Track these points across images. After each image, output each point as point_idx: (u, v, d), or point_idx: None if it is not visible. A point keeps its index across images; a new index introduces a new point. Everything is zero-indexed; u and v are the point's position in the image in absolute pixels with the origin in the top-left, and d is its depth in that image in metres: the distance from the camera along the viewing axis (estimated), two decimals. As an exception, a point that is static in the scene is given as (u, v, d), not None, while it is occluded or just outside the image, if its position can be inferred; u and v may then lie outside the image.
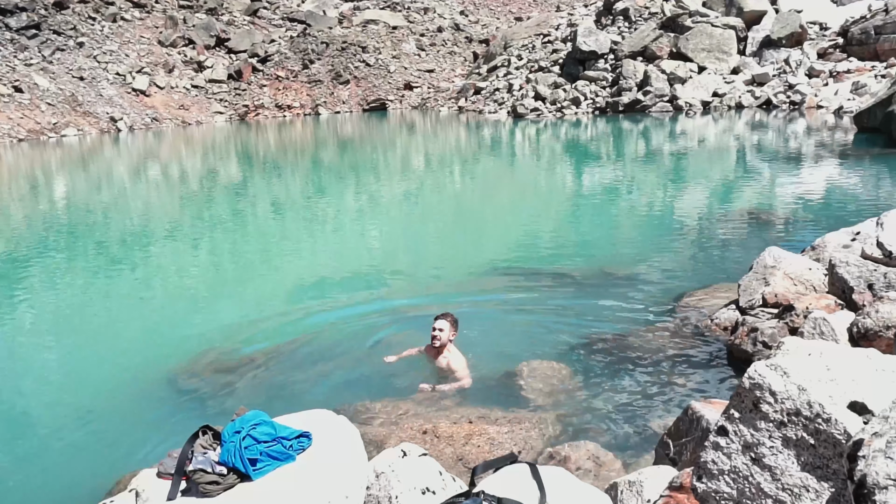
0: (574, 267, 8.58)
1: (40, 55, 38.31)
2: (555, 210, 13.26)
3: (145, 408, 5.57)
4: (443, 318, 5.56)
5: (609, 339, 6.02)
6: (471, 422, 4.45)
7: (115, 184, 20.53)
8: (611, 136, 25.09)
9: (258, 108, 43.44)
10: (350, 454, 2.82)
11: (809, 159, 16.33)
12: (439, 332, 5.49)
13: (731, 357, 5.33)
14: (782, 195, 12.48)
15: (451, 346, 5.57)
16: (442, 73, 46.98)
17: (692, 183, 14.99)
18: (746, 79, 29.60)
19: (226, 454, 2.68)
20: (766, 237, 9.22)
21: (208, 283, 9.38)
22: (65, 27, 40.39)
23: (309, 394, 5.47)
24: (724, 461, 2.26)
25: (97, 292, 9.07)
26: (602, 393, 5.08)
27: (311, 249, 11.01)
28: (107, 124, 37.44)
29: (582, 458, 3.89)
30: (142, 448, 4.81)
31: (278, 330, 7.05)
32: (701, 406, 3.30)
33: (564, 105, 32.55)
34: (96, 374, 6.36)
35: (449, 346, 5.55)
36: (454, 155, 23.80)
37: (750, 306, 5.68)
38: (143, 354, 6.77)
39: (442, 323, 5.52)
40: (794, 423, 2.13)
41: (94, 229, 13.28)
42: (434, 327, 5.52)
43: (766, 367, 2.24)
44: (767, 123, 24.29)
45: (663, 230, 10.50)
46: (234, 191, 18.07)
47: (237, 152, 28.59)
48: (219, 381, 5.83)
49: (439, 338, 5.49)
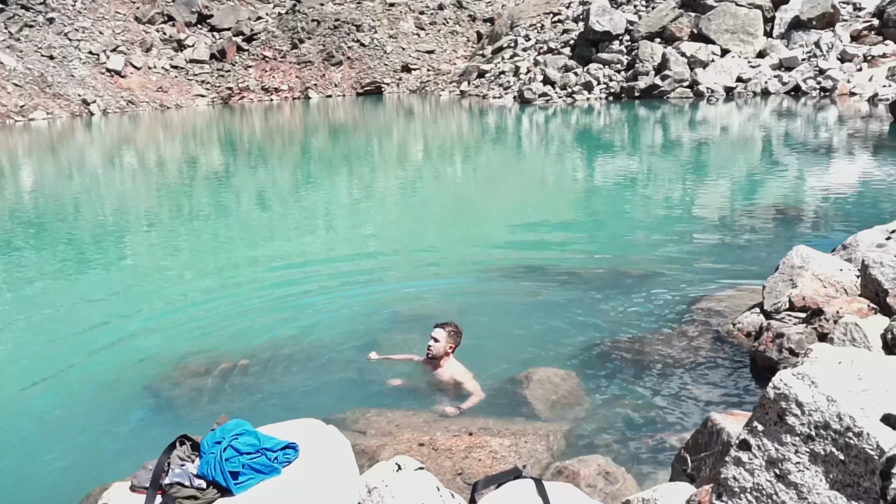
0: (584, 265, 8.57)
1: (6, 32, 38.29)
2: (564, 204, 13.26)
3: (118, 415, 5.56)
4: (440, 328, 5.47)
5: (622, 345, 6.02)
6: (471, 433, 4.44)
7: (86, 173, 20.53)
8: (626, 125, 25.06)
9: (243, 91, 43.42)
10: (340, 467, 2.81)
11: (841, 151, 16.32)
12: (433, 343, 5.42)
13: (754, 365, 5.32)
14: (811, 190, 12.47)
15: (449, 359, 5.49)
16: (443, 54, 46.93)
17: (713, 176, 14.98)
18: (773, 63, 29.56)
19: (205, 466, 2.68)
20: (793, 235, 9.22)
21: (187, 281, 9.38)
22: (33, 2, 40.38)
23: (296, 401, 5.46)
24: (746, 478, 2.26)
25: (65, 291, 9.06)
26: (614, 403, 5.07)
27: (299, 246, 11.00)
28: (78, 107, 37.42)
29: (592, 473, 3.89)
30: (114, 459, 4.80)
31: (263, 332, 7.04)
32: (721, 418, 3.30)
33: (575, 90, 32.52)
34: (64, 378, 6.35)
35: (447, 358, 5.48)
36: (456, 144, 23.79)
37: (775, 310, 5.67)
38: (115, 357, 6.75)
39: (438, 332, 5.43)
40: (823, 437, 2.12)
41: (62, 223, 13.27)
42: (430, 336, 5.47)
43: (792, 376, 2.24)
44: (796, 111, 24.27)
45: (682, 227, 10.49)
46: (216, 182, 18.07)
47: (220, 139, 28.57)
48: (198, 386, 5.82)
49: (433, 349, 5.43)
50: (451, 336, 5.47)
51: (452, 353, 5.51)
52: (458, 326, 5.58)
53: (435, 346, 5.43)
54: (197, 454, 2.81)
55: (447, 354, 5.48)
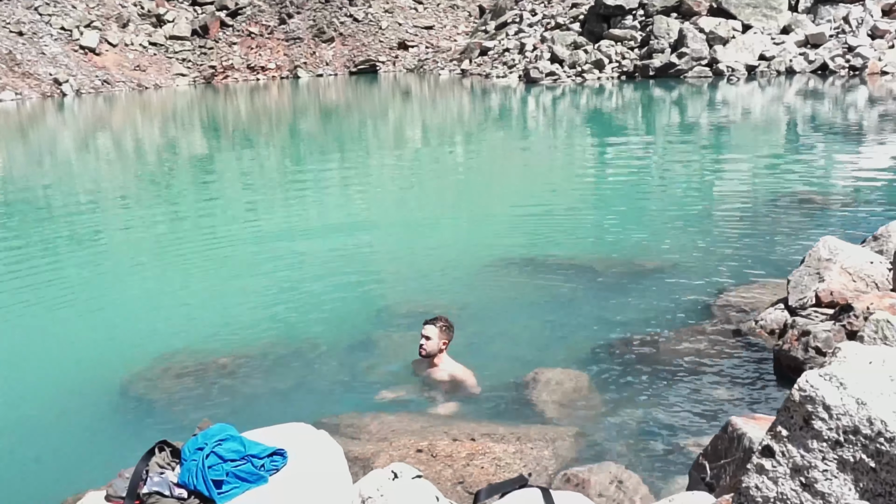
0: (596, 257, 8.56)
1: (-29, 6, 38.20)
2: (574, 192, 13.24)
3: (93, 420, 5.56)
4: (431, 324, 5.44)
5: (635, 343, 6.02)
6: (473, 439, 4.45)
7: (58, 159, 20.50)
8: (640, 106, 25.02)
9: (227, 70, 43.35)
10: (332, 475, 2.81)
11: (871, 135, 16.29)
12: (425, 341, 5.41)
13: (778, 365, 5.32)
14: (840, 176, 12.45)
15: (443, 356, 5.49)
16: (442, 30, 46.82)
17: (734, 161, 14.95)
18: (799, 39, 29.48)
19: (186, 475, 2.68)
20: (820, 225, 9.21)
21: (167, 276, 9.37)
22: (0, -27, 40.26)
23: (284, 404, 5.46)
24: (769, 487, 2.25)
25: (36, 286, 9.05)
26: (627, 406, 5.07)
27: (289, 237, 10.99)
28: (50, 87, 37.36)
29: (603, 481, 3.89)
30: (88, 466, 4.80)
31: (248, 328, 7.04)
32: (743, 422, 3.30)
33: (585, 69, 32.45)
34: (32, 380, 6.35)
35: (441, 355, 5.47)
36: (456, 127, 23.76)
37: (801, 306, 5.67)
38: (90, 358, 6.76)
39: (430, 329, 5.41)
40: (852, 443, 2.12)
41: (31, 213, 13.25)
42: (421, 334, 5.46)
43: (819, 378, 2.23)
44: (823, 92, 24.22)
45: (701, 216, 10.48)
46: (198, 168, 18.05)
47: (202, 122, 28.54)
48: (179, 388, 5.82)
49: (426, 347, 5.42)
50: (444, 331, 5.45)
51: (446, 349, 5.51)
52: (449, 320, 5.57)
53: (428, 344, 5.42)
54: (177, 461, 2.81)
55: (441, 351, 5.48)
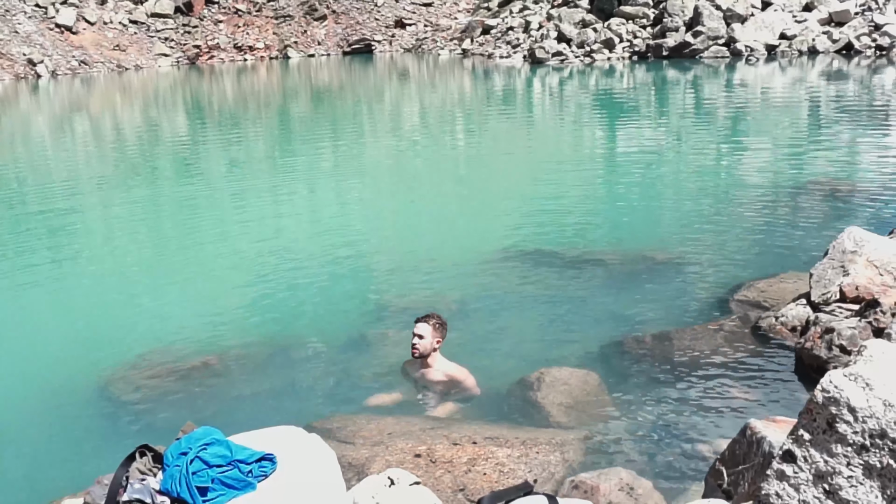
0: (606, 250, 8.56)
1: (-61, -18, 38.11)
2: (582, 181, 13.22)
3: (69, 423, 5.57)
4: (423, 322, 5.48)
5: (648, 341, 6.01)
6: (475, 443, 4.45)
7: (31, 145, 20.46)
8: (652, 88, 24.97)
9: (212, 50, 43.25)
10: (324, 482, 2.81)
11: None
12: (418, 340, 5.43)
13: (800, 364, 5.32)
14: (866, 163, 12.43)
15: (436, 356, 5.51)
16: (442, 7, 46.71)
17: (753, 148, 14.93)
18: (822, 17, 29.41)
19: (169, 481, 2.68)
20: (844, 215, 9.20)
21: (149, 271, 9.36)
22: (-30, -54, 40.14)
23: (274, 406, 5.47)
24: (790, 494, 2.26)
25: (9, 282, 9.05)
26: (639, 407, 5.07)
27: (279, 230, 10.99)
28: (24, 68, 37.29)
29: (613, 488, 3.90)
30: (65, 472, 4.81)
31: (235, 326, 7.05)
32: (762, 425, 3.30)
33: (595, 48, 32.38)
34: (6, 381, 6.35)
35: (434, 355, 5.50)
36: (458, 112, 23.72)
37: (824, 301, 5.67)
38: (66, 357, 6.76)
39: (422, 327, 5.44)
40: (879, 448, 2.12)
41: (3, 203, 13.24)
42: (413, 333, 5.48)
43: (843, 378, 2.23)
44: (848, 73, 24.16)
45: (717, 205, 10.47)
46: (181, 157, 18.02)
47: (186, 105, 28.49)
48: (161, 389, 5.83)
49: (419, 346, 5.44)
50: (437, 329, 5.49)
51: (440, 347, 5.53)
52: (442, 317, 5.60)
53: (421, 343, 5.44)
54: (159, 467, 2.81)
55: (435, 350, 5.50)
